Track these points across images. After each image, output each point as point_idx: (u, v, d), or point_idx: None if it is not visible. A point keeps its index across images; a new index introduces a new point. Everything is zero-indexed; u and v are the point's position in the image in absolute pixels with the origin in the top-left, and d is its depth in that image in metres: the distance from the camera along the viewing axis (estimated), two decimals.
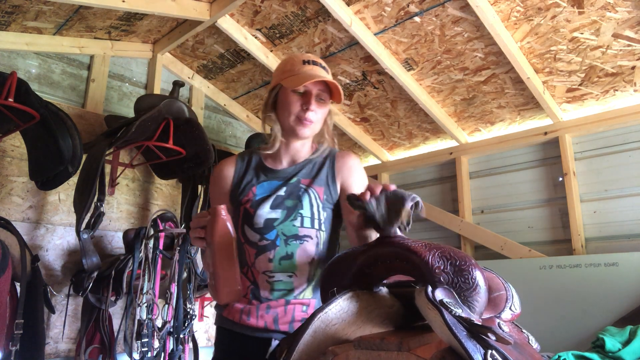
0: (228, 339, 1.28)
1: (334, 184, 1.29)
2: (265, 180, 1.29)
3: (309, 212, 1.24)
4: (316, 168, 1.31)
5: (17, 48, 2.63)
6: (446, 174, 3.44)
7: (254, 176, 1.30)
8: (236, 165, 1.33)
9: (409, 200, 0.82)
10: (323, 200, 1.27)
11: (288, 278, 1.23)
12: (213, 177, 1.35)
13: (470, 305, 0.72)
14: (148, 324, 2.20)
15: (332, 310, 0.73)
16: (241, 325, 1.24)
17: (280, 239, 1.23)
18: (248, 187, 1.28)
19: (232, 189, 1.31)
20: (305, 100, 1.24)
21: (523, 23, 2.39)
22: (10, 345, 1.75)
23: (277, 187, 1.27)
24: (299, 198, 1.25)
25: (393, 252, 0.82)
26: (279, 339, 1.19)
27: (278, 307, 1.22)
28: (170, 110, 2.55)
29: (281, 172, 1.31)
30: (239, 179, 1.31)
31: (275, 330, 1.21)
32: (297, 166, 1.31)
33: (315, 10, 2.60)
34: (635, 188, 2.59)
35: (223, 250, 0.98)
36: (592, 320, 2.42)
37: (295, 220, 1.23)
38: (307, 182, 1.28)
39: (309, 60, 1.26)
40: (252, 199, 1.26)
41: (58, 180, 2.24)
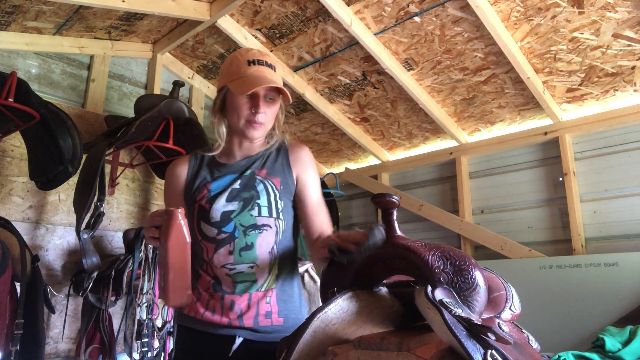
0: (189, 337, 1.24)
1: (290, 175, 1.30)
2: (220, 175, 1.28)
3: (266, 201, 1.24)
4: (271, 159, 1.31)
5: (17, 48, 2.62)
6: (446, 174, 3.44)
7: (207, 173, 1.29)
8: (189, 163, 1.33)
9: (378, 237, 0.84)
10: (280, 190, 1.27)
11: (249, 269, 1.21)
12: (166, 176, 1.34)
13: (470, 305, 0.72)
14: (148, 324, 2.20)
15: (332, 310, 0.73)
16: (203, 322, 1.21)
17: (239, 230, 1.22)
18: (202, 184, 1.27)
19: (185, 188, 1.30)
20: (253, 103, 1.23)
21: (523, 23, 2.39)
22: (10, 345, 1.75)
23: (231, 180, 1.26)
24: (254, 189, 1.25)
25: (393, 252, 0.82)
26: (242, 336, 1.18)
27: (242, 302, 1.20)
28: (170, 110, 2.55)
29: (234, 165, 1.30)
30: (193, 176, 1.30)
31: (239, 326, 1.18)
32: (250, 159, 1.30)
33: (315, 10, 2.60)
34: (635, 188, 2.59)
35: (176, 254, 0.95)
36: (592, 320, 2.42)
37: (252, 210, 1.23)
38: (262, 173, 1.27)
39: (254, 60, 1.24)
40: (206, 196, 1.25)
41: (58, 180, 2.24)
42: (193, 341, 1.22)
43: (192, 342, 1.23)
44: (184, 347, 1.25)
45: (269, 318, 1.20)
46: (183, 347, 1.26)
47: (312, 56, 3.00)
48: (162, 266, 0.97)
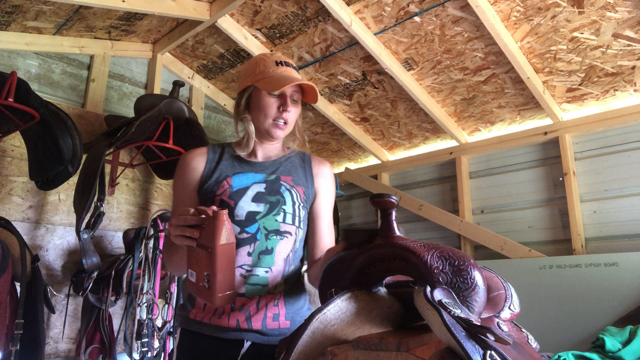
0: (195, 342, 1.21)
1: (312, 186, 1.31)
2: (241, 171, 1.26)
3: (291, 208, 1.24)
4: (295, 167, 1.31)
5: (17, 48, 2.63)
6: (446, 174, 3.44)
7: (228, 167, 1.26)
8: (207, 155, 1.29)
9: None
10: (303, 200, 1.27)
11: (264, 273, 1.20)
12: (181, 166, 1.28)
13: (469, 305, 0.72)
14: (148, 324, 2.20)
15: (331, 310, 0.73)
16: (210, 326, 1.18)
17: (261, 232, 1.20)
18: (222, 178, 1.24)
19: (202, 180, 1.25)
20: (282, 102, 1.24)
21: (523, 23, 2.38)
22: (10, 345, 1.75)
23: (255, 180, 1.25)
24: (281, 194, 1.24)
25: (392, 253, 0.82)
26: (251, 339, 1.17)
27: (251, 305, 1.18)
28: (170, 110, 2.55)
29: (257, 165, 1.29)
30: (211, 169, 1.26)
31: (247, 329, 1.17)
32: (274, 162, 1.30)
33: (315, 10, 2.60)
34: (635, 188, 2.59)
35: (225, 255, 0.96)
36: (592, 320, 2.42)
37: (278, 215, 1.22)
38: (287, 179, 1.27)
39: (282, 62, 1.26)
40: (228, 191, 1.22)
41: (58, 180, 2.25)
42: (200, 346, 1.20)
43: (199, 347, 1.20)
44: (190, 352, 1.21)
45: (276, 321, 1.20)
46: (189, 352, 1.22)
47: (312, 56, 3.00)
48: (207, 267, 0.96)
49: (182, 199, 1.26)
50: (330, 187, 1.35)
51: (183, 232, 0.99)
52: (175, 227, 1.00)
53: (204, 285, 0.97)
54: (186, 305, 1.25)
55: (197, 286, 0.99)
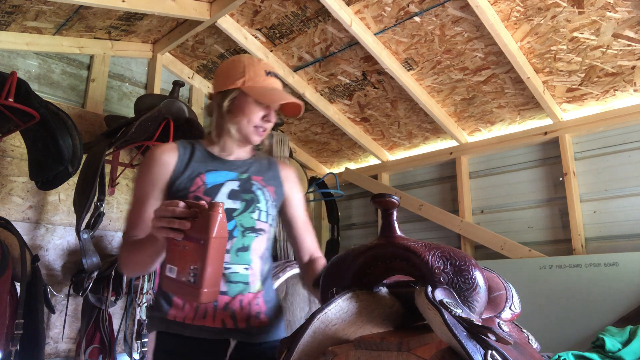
0: (176, 346, 1.16)
1: (281, 188, 1.35)
2: (214, 169, 1.26)
3: (264, 206, 1.27)
4: (264, 168, 1.34)
5: (17, 48, 2.62)
6: (446, 174, 3.44)
7: (200, 164, 1.25)
8: (178, 151, 1.26)
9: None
10: (274, 199, 1.31)
11: (245, 270, 1.21)
12: (149, 162, 1.23)
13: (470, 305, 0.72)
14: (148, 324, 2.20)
15: (332, 310, 0.73)
16: (194, 327, 1.16)
17: (238, 230, 1.21)
18: (195, 175, 1.23)
19: (173, 176, 1.22)
20: (267, 112, 1.26)
21: (523, 23, 2.39)
22: (10, 345, 1.75)
23: (228, 178, 1.25)
24: (254, 193, 1.26)
25: (393, 252, 0.82)
26: (236, 338, 1.17)
27: (235, 304, 1.19)
28: (170, 110, 2.55)
29: (230, 163, 1.29)
30: (183, 166, 1.24)
31: (233, 329, 1.17)
32: (245, 162, 1.32)
33: (315, 10, 2.60)
34: (635, 188, 2.59)
35: (217, 249, 0.92)
36: (592, 320, 2.42)
37: (253, 213, 1.24)
38: (258, 179, 1.30)
39: (271, 72, 1.27)
40: (203, 187, 1.21)
41: (58, 180, 2.24)
42: (182, 349, 1.16)
43: (181, 350, 1.16)
44: (171, 356, 1.17)
45: (258, 318, 1.22)
46: (169, 356, 1.17)
47: (312, 56, 3.00)
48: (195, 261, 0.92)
49: (148, 194, 1.21)
50: (298, 189, 1.40)
51: (170, 223, 0.94)
52: (160, 218, 0.95)
53: (187, 280, 0.92)
54: (161, 306, 1.20)
55: (177, 282, 0.94)
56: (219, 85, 1.28)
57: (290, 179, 1.39)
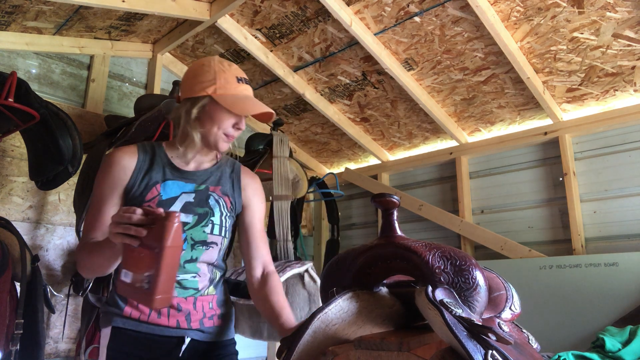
0: (130, 341, 1.19)
1: (239, 197, 1.33)
2: (171, 179, 1.24)
3: (218, 220, 1.26)
4: (224, 177, 1.32)
5: (17, 48, 2.62)
6: (446, 174, 3.44)
7: (158, 173, 1.23)
8: (138, 156, 1.24)
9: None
10: (229, 209, 1.30)
11: (192, 278, 1.23)
12: (109, 163, 1.22)
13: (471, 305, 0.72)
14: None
15: (332, 310, 0.73)
16: (149, 324, 1.19)
17: (188, 243, 1.22)
18: (152, 183, 1.22)
19: (131, 181, 1.21)
20: (238, 120, 1.24)
21: (523, 23, 2.39)
22: (10, 345, 1.75)
23: (185, 190, 1.24)
24: (208, 205, 1.25)
25: (393, 252, 0.82)
26: (190, 336, 1.22)
27: (188, 305, 1.22)
28: (170, 110, 2.55)
29: (188, 174, 1.27)
30: (142, 172, 1.22)
31: (187, 328, 1.22)
32: (205, 172, 1.30)
33: (315, 10, 2.60)
34: (635, 188, 2.59)
35: (170, 257, 0.94)
36: (592, 320, 2.42)
37: (206, 227, 1.24)
38: (216, 190, 1.29)
39: (242, 78, 1.25)
40: (157, 198, 1.20)
41: (58, 180, 2.24)
42: (137, 344, 1.19)
43: (135, 345, 1.19)
44: (125, 350, 1.19)
45: (211, 320, 1.27)
46: (121, 349, 1.19)
47: (312, 56, 3.00)
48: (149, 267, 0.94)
49: (106, 197, 1.20)
50: (259, 198, 1.38)
51: (127, 230, 0.94)
52: (116, 224, 0.95)
53: (141, 286, 0.94)
54: (116, 303, 1.21)
55: (132, 287, 0.96)
56: (187, 91, 1.24)
57: (252, 188, 1.37)
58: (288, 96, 3.44)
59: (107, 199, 1.20)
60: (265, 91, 3.50)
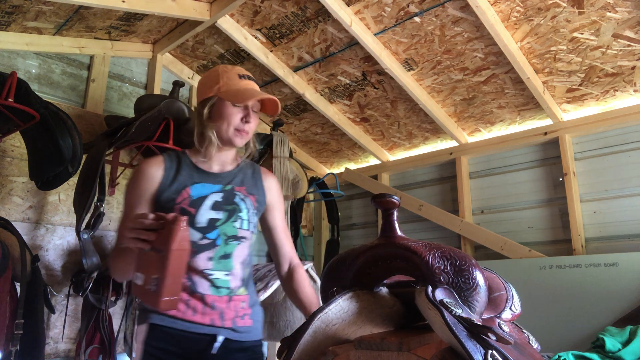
0: (166, 337, 1.25)
1: (263, 196, 1.42)
2: (199, 182, 1.32)
3: (246, 215, 1.34)
4: (247, 178, 1.41)
5: (17, 48, 2.62)
6: (446, 174, 3.44)
7: (186, 177, 1.32)
8: (164, 164, 1.33)
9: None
10: (255, 207, 1.38)
11: (225, 276, 1.29)
12: (137, 175, 1.31)
13: (471, 305, 0.72)
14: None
15: (332, 310, 0.73)
16: (184, 321, 1.24)
17: (221, 238, 1.29)
18: (181, 188, 1.30)
19: (159, 189, 1.29)
20: (245, 113, 1.32)
21: (523, 23, 2.39)
22: (10, 345, 1.75)
23: (212, 190, 1.32)
24: (236, 204, 1.34)
25: (393, 252, 0.82)
26: (223, 335, 1.26)
27: (222, 304, 1.27)
28: (170, 110, 2.55)
29: (214, 175, 1.36)
30: (170, 178, 1.30)
31: (220, 326, 1.26)
32: (230, 173, 1.38)
33: (315, 11, 2.61)
34: (635, 188, 2.59)
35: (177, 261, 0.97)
36: (592, 320, 2.42)
37: (235, 222, 1.31)
38: (241, 189, 1.37)
39: (244, 75, 1.34)
40: (188, 199, 1.28)
41: (58, 180, 2.24)
42: (172, 340, 1.24)
43: (171, 341, 1.24)
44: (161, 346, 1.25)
45: (243, 319, 1.31)
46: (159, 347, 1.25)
47: (312, 56, 3.00)
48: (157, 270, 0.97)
49: (136, 206, 1.28)
50: (280, 197, 1.49)
51: (139, 234, 1.00)
52: (131, 229, 1.02)
53: (150, 288, 0.98)
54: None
55: (142, 289, 0.99)
56: (199, 97, 1.36)
57: (273, 188, 1.46)
58: (288, 96, 3.44)
59: (136, 208, 1.28)
60: (265, 91, 3.50)
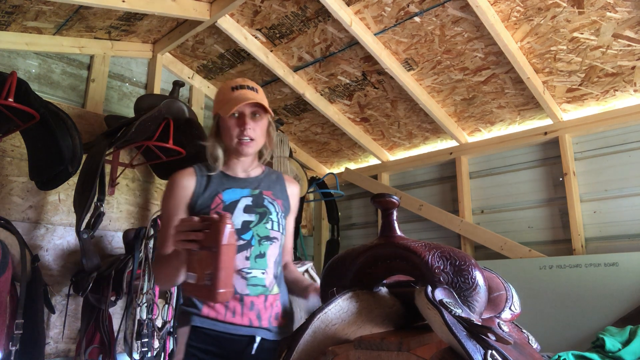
0: (207, 339, 1.32)
1: (287, 201, 1.52)
2: (229, 187, 1.42)
3: (276, 217, 1.43)
4: (272, 183, 1.51)
5: (17, 48, 2.62)
6: (446, 174, 3.44)
7: (217, 185, 1.41)
8: (196, 176, 1.42)
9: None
10: (283, 210, 1.47)
11: (262, 275, 1.36)
12: (171, 186, 1.41)
13: (470, 305, 0.72)
14: (148, 324, 2.20)
15: (332, 310, 0.73)
16: (224, 323, 1.32)
17: (255, 239, 1.37)
18: (213, 194, 1.39)
19: (194, 196, 1.39)
20: (240, 122, 1.38)
21: (523, 23, 2.39)
22: (10, 345, 1.75)
23: (242, 195, 1.42)
24: (266, 207, 1.43)
25: (393, 252, 0.82)
26: (260, 335, 1.33)
27: (259, 304, 1.35)
28: (170, 110, 2.55)
29: (242, 180, 1.45)
30: (203, 187, 1.40)
31: (258, 326, 1.34)
32: (256, 179, 1.48)
33: (315, 10, 2.61)
34: (635, 188, 2.59)
35: (228, 255, 1.05)
36: (592, 320, 2.42)
37: (267, 224, 1.40)
38: (269, 194, 1.46)
39: (237, 86, 1.41)
40: (221, 204, 1.38)
41: (58, 180, 2.24)
42: (213, 342, 1.32)
43: (212, 343, 1.32)
44: (203, 347, 1.32)
45: (277, 319, 1.38)
46: (200, 348, 1.32)
47: (312, 56, 3.00)
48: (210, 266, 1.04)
49: (175, 214, 1.37)
50: (297, 204, 1.58)
51: (188, 236, 1.06)
52: (179, 232, 1.08)
53: (205, 283, 1.04)
54: (194, 304, 1.35)
55: (197, 286, 1.06)
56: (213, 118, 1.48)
57: (295, 194, 1.57)
58: (288, 96, 3.44)
59: (173, 216, 1.36)
60: (265, 91, 3.50)
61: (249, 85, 1.42)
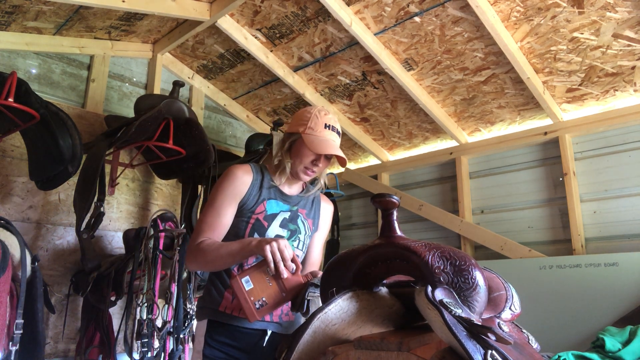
0: (223, 332, 1.44)
1: (317, 220, 1.64)
2: (274, 199, 1.52)
3: (303, 237, 1.56)
4: (309, 203, 1.62)
5: (17, 48, 2.63)
6: (446, 174, 3.44)
7: (266, 191, 1.51)
8: (253, 174, 1.51)
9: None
10: (311, 230, 1.60)
11: None
12: (232, 176, 1.48)
13: (470, 305, 0.72)
14: (148, 324, 2.20)
15: (332, 310, 0.73)
16: (240, 318, 1.44)
17: None
18: (261, 200, 1.49)
19: (247, 194, 1.48)
20: (316, 159, 1.49)
21: (523, 23, 2.39)
22: (10, 345, 1.75)
23: (283, 209, 1.53)
24: (298, 225, 1.54)
25: (393, 252, 0.82)
26: (271, 329, 1.47)
27: None
28: (170, 110, 2.55)
29: (286, 196, 1.56)
30: (257, 188, 1.50)
31: (269, 321, 1.47)
32: (297, 197, 1.58)
33: (315, 10, 2.61)
34: (635, 188, 2.59)
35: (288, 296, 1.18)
36: (592, 320, 2.42)
37: (294, 242, 1.53)
38: (303, 212, 1.58)
39: (330, 126, 1.50)
40: (264, 213, 1.49)
41: (58, 180, 2.24)
42: (229, 335, 1.44)
43: (227, 335, 1.44)
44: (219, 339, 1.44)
45: (288, 315, 1.52)
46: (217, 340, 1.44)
47: (312, 56, 3.00)
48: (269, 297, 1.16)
49: (226, 204, 1.45)
50: (328, 224, 1.69)
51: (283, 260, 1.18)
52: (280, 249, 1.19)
53: (254, 303, 1.16)
54: (213, 298, 1.47)
55: (246, 296, 1.16)
56: (289, 128, 1.56)
57: (327, 215, 1.67)
58: (288, 96, 3.44)
59: (227, 206, 1.45)
60: (266, 91, 3.50)
61: (338, 130, 1.51)
